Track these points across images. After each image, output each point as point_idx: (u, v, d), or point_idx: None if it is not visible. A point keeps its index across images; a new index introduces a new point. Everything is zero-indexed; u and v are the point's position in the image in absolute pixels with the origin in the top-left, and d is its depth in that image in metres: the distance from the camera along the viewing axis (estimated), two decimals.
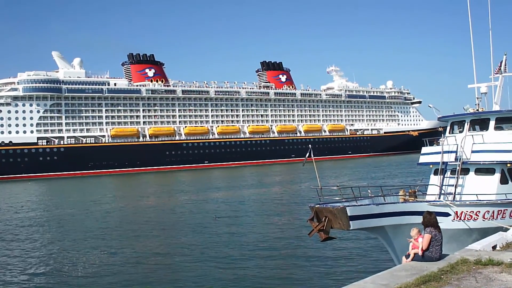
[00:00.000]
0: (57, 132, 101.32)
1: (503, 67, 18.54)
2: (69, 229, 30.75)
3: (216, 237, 25.27)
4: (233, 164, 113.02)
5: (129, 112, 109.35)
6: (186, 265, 19.81)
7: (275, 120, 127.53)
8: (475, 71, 18.79)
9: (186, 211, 36.37)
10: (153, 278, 18.13)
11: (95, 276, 18.94)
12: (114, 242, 25.55)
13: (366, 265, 18.02)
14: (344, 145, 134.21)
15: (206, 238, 25.05)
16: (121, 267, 19.92)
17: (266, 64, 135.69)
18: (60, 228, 31.53)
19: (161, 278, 18.08)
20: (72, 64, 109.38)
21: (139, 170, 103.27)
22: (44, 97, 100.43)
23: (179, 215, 34.72)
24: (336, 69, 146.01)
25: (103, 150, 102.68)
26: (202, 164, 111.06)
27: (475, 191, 15.09)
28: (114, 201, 47.72)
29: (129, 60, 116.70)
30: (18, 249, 24.89)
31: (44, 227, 32.17)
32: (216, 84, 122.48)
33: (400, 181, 47.29)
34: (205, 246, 22.98)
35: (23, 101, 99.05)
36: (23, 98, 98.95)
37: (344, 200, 13.87)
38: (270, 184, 59.85)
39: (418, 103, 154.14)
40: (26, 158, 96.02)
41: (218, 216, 31.55)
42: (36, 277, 19.20)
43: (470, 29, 19.00)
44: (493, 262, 9.06)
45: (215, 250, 22.06)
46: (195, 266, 19.51)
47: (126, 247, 23.83)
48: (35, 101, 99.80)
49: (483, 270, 8.71)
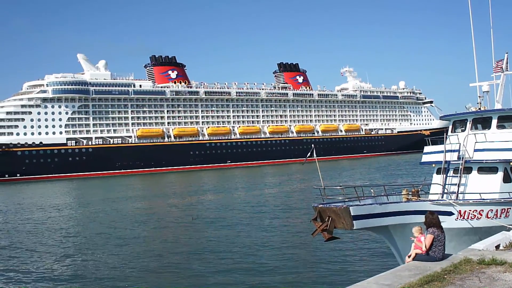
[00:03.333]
0: (85, 133, 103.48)
1: (504, 66, 18.42)
2: (100, 224, 32.35)
3: (217, 235, 25.85)
4: (254, 163, 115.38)
5: (153, 113, 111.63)
6: (194, 256, 20.96)
7: (293, 120, 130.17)
8: (477, 70, 18.61)
9: (213, 208, 37.51)
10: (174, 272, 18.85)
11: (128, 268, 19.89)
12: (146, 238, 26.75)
13: (369, 265, 17.92)
14: (360, 144, 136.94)
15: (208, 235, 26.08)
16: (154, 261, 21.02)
17: (283, 66, 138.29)
18: (91, 223, 33.10)
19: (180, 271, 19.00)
20: (96, 66, 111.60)
21: (164, 170, 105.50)
22: (72, 99, 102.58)
23: (207, 212, 35.72)
24: (350, 70, 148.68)
25: (130, 150, 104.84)
26: (225, 164, 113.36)
27: (478, 190, 14.97)
28: (147, 199, 48.94)
29: (152, 62, 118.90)
30: (49, 246, 25.67)
31: (78, 223, 33.76)
32: (236, 85, 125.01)
33: (414, 179, 45.15)
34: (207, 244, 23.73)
35: (52, 103, 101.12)
36: (52, 100, 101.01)
37: (347, 199, 13.70)
38: (289, 183, 59.75)
39: (430, 103, 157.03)
40: (56, 159, 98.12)
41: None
42: (69, 268, 20.57)
43: (472, 28, 18.89)
44: (497, 261, 8.95)
45: (215, 249, 22.34)
46: (198, 260, 20.38)
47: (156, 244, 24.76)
48: (64, 103, 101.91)
49: (486, 270, 8.61)
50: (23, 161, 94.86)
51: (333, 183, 44.76)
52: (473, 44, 18.84)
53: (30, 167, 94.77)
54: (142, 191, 62.67)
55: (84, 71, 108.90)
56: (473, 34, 18.96)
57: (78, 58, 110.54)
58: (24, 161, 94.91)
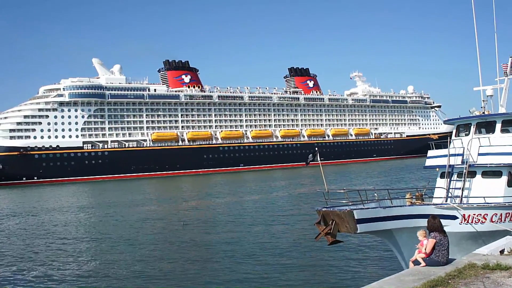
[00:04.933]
0: (101, 136, 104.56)
1: (508, 70, 18.40)
2: (118, 227, 32.99)
3: (222, 239, 26.04)
4: (266, 167, 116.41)
5: (168, 117, 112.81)
6: (207, 258, 21.47)
7: (304, 124, 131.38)
8: (481, 74, 18.58)
9: (225, 212, 37.82)
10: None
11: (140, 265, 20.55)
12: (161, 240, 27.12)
13: (372, 270, 17.77)
14: (370, 148, 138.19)
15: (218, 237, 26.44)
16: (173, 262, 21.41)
17: (294, 70, 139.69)
18: (112, 226, 33.47)
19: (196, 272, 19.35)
20: (111, 70, 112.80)
21: (179, 173, 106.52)
22: (88, 103, 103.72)
23: (221, 215, 36.12)
24: (359, 74, 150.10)
25: (145, 153, 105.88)
26: (237, 167, 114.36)
27: (482, 194, 14.83)
28: (165, 203, 49.58)
29: (166, 67, 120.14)
30: (66, 246, 26.37)
31: (95, 225, 34.63)
32: (249, 90, 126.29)
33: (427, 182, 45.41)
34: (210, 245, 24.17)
35: (69, 107, 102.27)
36: (69, 104, 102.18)
37: (351, 203, 13.70)
38: (298, 187, 60.12)
39: (438, 107, 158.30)
40: (73, 162, 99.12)
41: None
42: (85, 266, 21.35)
43: (475, 32, 19.02)
44: (501, 266, 8.90)
45: (216, 251, 22.62)
46: (206, 262, 20.77)
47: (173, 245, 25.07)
48: (80, 106, 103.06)
49: (491, 275, 8.56)
50: (40, 165, 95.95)
51: (340, 187, 44.47)
52: (477, 49, 18.93)
53: (47, 170, 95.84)
54: (159, 194, 63.20)
55: (99, 75, 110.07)
56: (476, 38, 19.06)
57: (93, 62, 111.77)
58: (41, 165, 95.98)
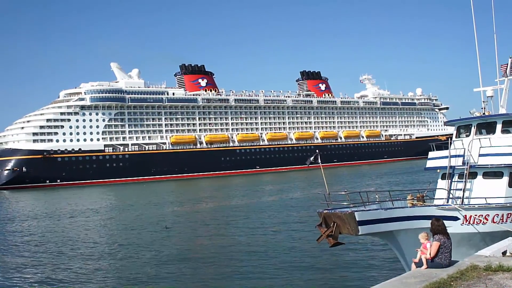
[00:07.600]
0: (121, 139, 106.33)
1: (508, 71, 18.35)
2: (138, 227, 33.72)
3: (221, 240, 26.57)
4: (282, 169, 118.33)
5: (186, 120, 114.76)
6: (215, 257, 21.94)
7: (317, 126, 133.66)
8: (481, 75, 18.51)
9: (242, 213, 38.17)
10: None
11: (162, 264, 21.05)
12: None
13: (375, 272, 17.73)
14: (380, 150, 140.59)
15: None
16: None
17: (306, 74, 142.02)
18: (133, 230, 33.42)
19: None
20: (129, 74, 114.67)
21: (197, 175, 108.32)
22: (109, 106, 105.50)
23: (238, 217, 36.29)
24: (368, 77, 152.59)
25: (165, 156, 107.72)
26: (254, 169, 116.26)
27: (484, 194, 14.78)
28: (190, 204, 50.56)
29: (182, 71, 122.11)
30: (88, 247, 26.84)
31: (117, 226, 35.48)
32: (264, 93, 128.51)
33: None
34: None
35: (90, 110, 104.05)
36: (90, 107, 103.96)
37: (352, 205, 13.67)
38: (309, 189, 59.78)
39: (446, 109, 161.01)
40: (94, 165, 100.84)
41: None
42: (107, 264, 22.08)
43: (475, 34, 19.15)
44: (504, 268, 8.88)
45: (218, 253, 22.84)
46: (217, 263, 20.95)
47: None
48: (101, 110, 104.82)
49: (493, 277, 8.53)
50: (63, 167, 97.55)
51: (358, 188, 46.44)
52: (477, 50, 19.09)
53: (70, 173, 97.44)
54: (183, 196, 63.98)
55: (118, 79, 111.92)
56: (476, 40, 19.21)
57: (112, 66, 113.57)
58: (64, 167, 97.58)
